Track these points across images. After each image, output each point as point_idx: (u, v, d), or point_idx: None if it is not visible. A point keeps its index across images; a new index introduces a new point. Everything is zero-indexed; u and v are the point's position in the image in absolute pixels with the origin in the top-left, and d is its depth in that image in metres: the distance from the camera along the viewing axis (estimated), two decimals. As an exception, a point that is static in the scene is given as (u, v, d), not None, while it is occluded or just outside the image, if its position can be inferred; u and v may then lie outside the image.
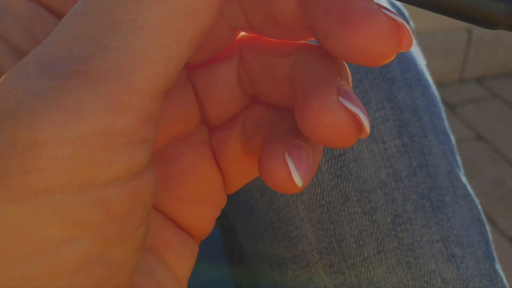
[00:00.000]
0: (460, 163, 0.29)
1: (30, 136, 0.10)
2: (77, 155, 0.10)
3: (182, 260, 0.15)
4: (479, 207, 0.29)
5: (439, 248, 0.26)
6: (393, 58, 0.12)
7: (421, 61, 0.29)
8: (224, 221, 0.31)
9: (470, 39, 1.47)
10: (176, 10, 0.11)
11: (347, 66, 0.14)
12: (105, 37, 0.11)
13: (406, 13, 0.32)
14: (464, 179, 0.29)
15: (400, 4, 0.32)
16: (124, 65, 0.11)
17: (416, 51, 0.29)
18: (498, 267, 0.29)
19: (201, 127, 0.16)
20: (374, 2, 0.12)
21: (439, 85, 1.50)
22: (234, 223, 0.30)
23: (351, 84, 0.13)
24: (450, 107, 1.43)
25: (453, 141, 0.29)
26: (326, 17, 0.12)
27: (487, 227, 0.30)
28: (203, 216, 0.16)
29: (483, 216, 0.29)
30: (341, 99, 0.12)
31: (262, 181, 0.27)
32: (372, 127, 0.26)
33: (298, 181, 0.13)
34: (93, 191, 0.11)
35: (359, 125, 0.13)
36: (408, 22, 0.33)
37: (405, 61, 0.27)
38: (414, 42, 0.32)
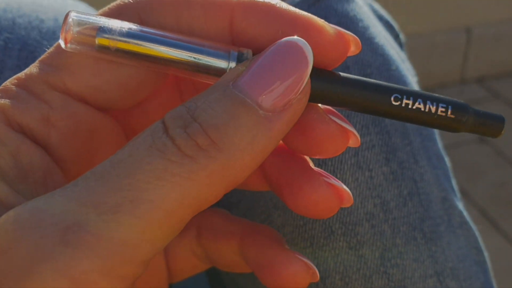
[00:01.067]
0: (455, 188, 0.27)
1: None
2: None
3: None
4: (477, 233, 0.27)
5: (433, 283, 0.24)
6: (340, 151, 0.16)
7: (412, 79, 0.27)
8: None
9: (470, 39, 1.45)
10: (188, 198, 0.12)
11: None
12: (123, 212, 0.12)
13: (396, 27, 0.30)
14: (460, 205, 0.27)
15: (389, 17, 0.30)
16: (131, 240, 0.12)
17: (406, 68, 0.27)
18: None
19: None
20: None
21: (440, 85, 1.48)
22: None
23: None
24: (452, 108, 1.41)
25: (448, 163, 0.27)
26: None
27: (486, 254, 0.28)
28: None
29: (481, 244, 0.27)
30: (324, 178, 0.16)
31: (243, 211, 0.25)
32: (356, 154, 0.24)
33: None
34: None
35: (341, 196, 0.16)
36: (398, 36, 0.31)
37: (393, 80, 0.25)
38: (404, 56, 0.30)
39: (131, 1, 0.15)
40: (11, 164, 0.14)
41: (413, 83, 0.27)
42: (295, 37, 0.14)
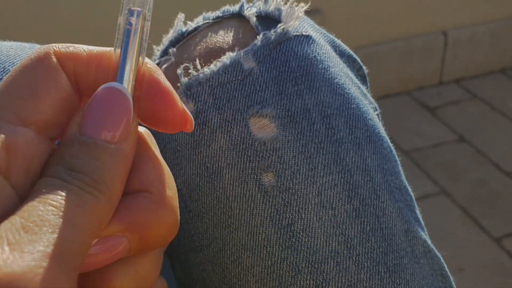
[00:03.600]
0: (420, 217, 0.28)
1: None
2: None
3: None
4: (442, 260, 0.28)
5: None
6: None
7: (373, 115, 0.28)
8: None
9: (447, 42, 1.47)
10: (96, 216, 0.16)
11: None
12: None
13: (358, 59, 0.31)
14: (424, 234, 0.28)
15: (351, 51, 0.31)
16: None
17: (368, 102, 0.28)
18: None
19: None
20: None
21: (420, 88, 1.50)
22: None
23: None
24: (431, 110, 1.43)
25: (411, 194, 0.28)
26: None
27: (452, 279, 0.29)
28: None
29: (446, 270, 0.28)
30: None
31: (214, 253, 0.26)
32: (320, 193, 0.25)
33: None
34: None
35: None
36: (361, 68, 0.32)
37: (353, 119, 0.26)
38: (366, 90, 0.30)
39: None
40: None
41: (374, 117, 0.28)
42: (111, 83, 0.17)
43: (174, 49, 0.28)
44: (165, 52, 0.29)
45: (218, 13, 0.29)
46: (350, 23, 1.34)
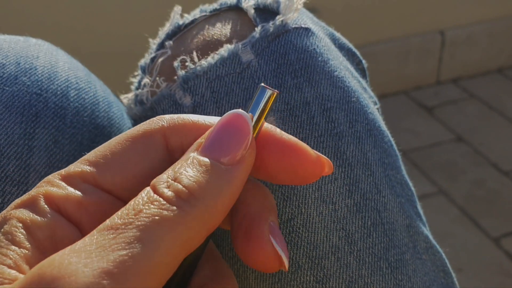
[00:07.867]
0: (421, 212, 0.28)
1: None
2: None
3: None
4: (443, 256, 0.28)
5: None
6: None
7: (373, 108, 0.27)
8: None
9: (444, 42, 1.47)
10: (179, 238, 0.15)
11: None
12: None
13: (358, 54, 0.31)
14: (426, 230, 0.27)
15: (350, 45, 0.30)
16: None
17: (368, 96, 0.28)
18: None
19: None
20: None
21: (417, 88, 1.50)
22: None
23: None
24: (429, 109, 1.43)
25: (412, 189, 0.28)
26: None
27: (454, 275, 0.28)
28: None
29: (448, 266, 0.28)
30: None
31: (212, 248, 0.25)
32: (320, 188, 0.24)
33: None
34: None
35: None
36: (360, 62, 0.31)
37: (354, 112, 0.26)
38: (366, 84, 0.30)
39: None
40: (47, 235, 0.17)
41: (375, 112, 0.28)
42: (236, 110, 0.18)
43: (171, 42, 0.28)
44: (161, 46, 0.28)
45: (215, 5, 0.28)
46: (347, 22, 1.34)
